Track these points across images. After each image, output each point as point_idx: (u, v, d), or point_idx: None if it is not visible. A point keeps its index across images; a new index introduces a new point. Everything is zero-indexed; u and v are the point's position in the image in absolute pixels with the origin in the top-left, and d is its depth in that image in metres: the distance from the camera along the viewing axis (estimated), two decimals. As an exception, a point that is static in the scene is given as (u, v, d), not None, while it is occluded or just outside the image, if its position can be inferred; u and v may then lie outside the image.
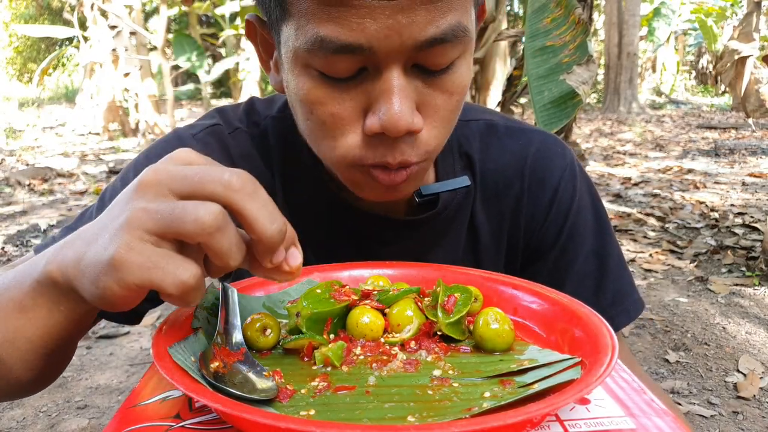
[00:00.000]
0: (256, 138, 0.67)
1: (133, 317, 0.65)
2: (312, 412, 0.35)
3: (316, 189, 0.66)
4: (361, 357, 0.44)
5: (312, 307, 0.46)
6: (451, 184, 0.66)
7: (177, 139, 0.66)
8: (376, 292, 0.50)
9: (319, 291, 0.49)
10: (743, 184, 4.89)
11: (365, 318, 0.46)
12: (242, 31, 8.76)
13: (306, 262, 0.68)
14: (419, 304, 0.49)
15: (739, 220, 3.66)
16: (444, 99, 0.51)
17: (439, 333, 0.46)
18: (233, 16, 10.68)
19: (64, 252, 0.40)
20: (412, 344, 0.45)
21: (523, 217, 0.69)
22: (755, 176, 5.19)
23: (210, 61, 10.91)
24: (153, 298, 0.66)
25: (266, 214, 0.37)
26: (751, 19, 2.90)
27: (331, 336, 0.47)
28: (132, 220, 0.36)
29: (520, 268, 0.71)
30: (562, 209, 0.68)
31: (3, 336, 0.45)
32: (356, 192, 0.58)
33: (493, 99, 4.59)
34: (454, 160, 0.69)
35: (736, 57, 2.92)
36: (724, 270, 2.87)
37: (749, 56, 2.89)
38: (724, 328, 2.29)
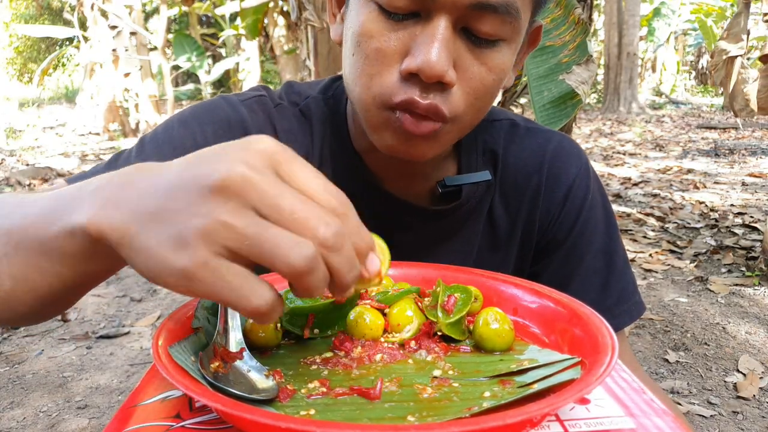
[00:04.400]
0: (297, 115, 0.70)
1: None
2: (312, 411, 0.36)
3: (351, 168, 0.69)
4: (361, 357, 0.44)
5: (291, 302, 0.46)
6: (473, 177, 0.69)
7: (225, 102, 0.68)
8: (375, 292, 0.50)
9: None
10: (743, 184, 4.89)
11: (365, 318, 0.46)
12: (242, 32, 8.75)
13: None
14: (419, 304, 0.49)
15: (738, 220, 3.66)
16: (481, 71, 0.54)
17: (439, 333, 0.46)
18: (233, 16, 10.67)
19: (111, 214, 0.35)
20: (412, 344, 0.45)
21: (539, 210, 0.71)
22: (755, 176, 5.19)
23: (210, 61, 10.92)
24: None
25: (348, 266, 0.34)
26: (739, 19, 2.90)
27: (315, 331, 0.47)
28: (211, 233, 0.32)
29: (531, 261, 0.73)
30: (575, 205, 0.70)
31: (18, 272, 0.40)
32: (377, 140, 0.58)
33: (493, 99, 4.57)
34: (477, 156, 0.71)
35: (724, 57, 2.91)
36: (723, 270, 2.87)
37: (737, 56, 2.89)
38: (723, 328, 2.29)
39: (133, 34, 8.32)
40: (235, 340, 0.43)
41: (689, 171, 5.55)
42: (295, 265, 0.32)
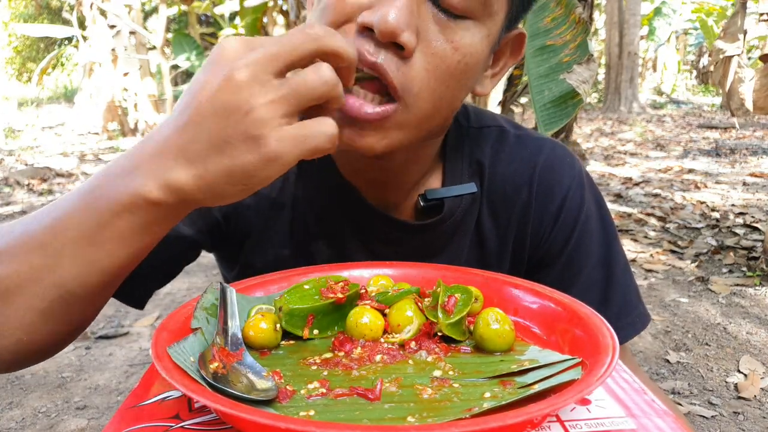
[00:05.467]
0: None
1: (140, 301, 0.65)
2: (311, 412, 0.35)
3: (330, 182, 0.67)
4: (361, 357, 0.43)
5: (291, 302, 0.46)
6: (456, 190, 0.66)
7: None
8: (375, 293, 0.50)
9: (307, 287, 0.49)
10: (744, 184, 4.89)
11: (365, 318, 0.46)
12: (242, 31, 8.75)
13: (313, 251, 0.69)
14: (419, 304, 0.48)
15: (740, 220, 3.66)
16: (446, 48, 0.51)
17: (439, 333, 0.46)
18: (233, 16, 10.67)
19: (163, 173, 0.41)
20: (413, 345, 0.45)
21: (531, 224, 0.68)
22: (756, 176, 5.19)
23: (210, 60, 10.87)
24: (161, 278, 0.65)
25: (345, 43, 0.43)
26: (736, 19, 2.91)
27: (315, 332, 0.47)
28: (264, 116, 0.39)
29: (525, 276, 0.71)
30: (570, 219, 0.67)
31: (74, 271, 0.44)
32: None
33: (493, 99, 4.58)
34: (463, 167, 0.68)
35: (721, 56, 2.92)
36: (724, 270, 2.87)
37: (734, 56, 2.90)
38: (724, 328, 2.29)
39: (132, 33, 8.32)
40: (235, 340, 0.43)
41: (690, 171, 5.55)
42: (330, 79, 0.41)
